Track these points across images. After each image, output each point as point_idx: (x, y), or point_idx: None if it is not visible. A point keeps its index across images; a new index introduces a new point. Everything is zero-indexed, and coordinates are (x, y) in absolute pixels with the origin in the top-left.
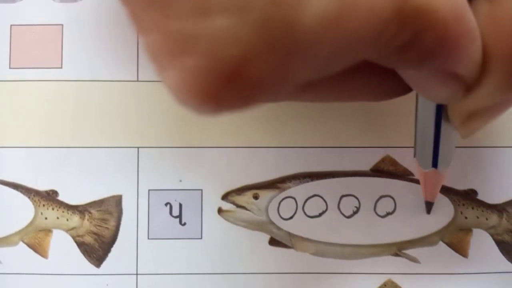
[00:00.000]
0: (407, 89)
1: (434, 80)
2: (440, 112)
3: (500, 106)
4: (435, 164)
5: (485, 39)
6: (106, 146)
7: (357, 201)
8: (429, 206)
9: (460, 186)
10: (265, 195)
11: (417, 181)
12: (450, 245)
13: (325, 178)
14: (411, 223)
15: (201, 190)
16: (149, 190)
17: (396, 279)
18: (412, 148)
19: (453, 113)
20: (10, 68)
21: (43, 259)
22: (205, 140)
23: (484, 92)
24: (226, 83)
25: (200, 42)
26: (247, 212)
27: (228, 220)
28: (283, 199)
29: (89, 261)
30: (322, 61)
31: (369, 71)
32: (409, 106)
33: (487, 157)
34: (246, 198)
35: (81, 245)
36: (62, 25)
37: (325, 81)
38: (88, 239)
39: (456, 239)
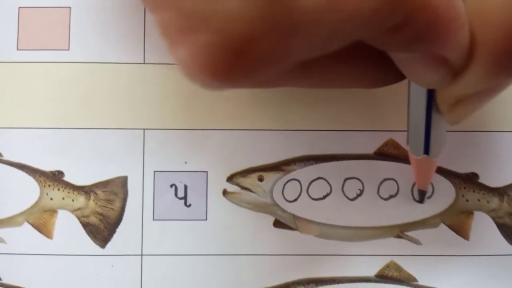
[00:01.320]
0: (399, 78)
1: (424, 63)
2: (431, 99)
3: (486, 93)
4: (426, 151)
5: (472, 26)
6: (112, 127)
7: (360, 184)
8: (422, 195)
9: (462, 169)
10: (270, 177)
11: None
12: (451, 227)
13: (329, 161)
14: (413, 206)
15: (206, 172)
16: (154, 171)
17: (399, 261)
18: None
19: (441, 99)
20: (18, 50)
21: (48, 239)
22: (210, 123)
23: (471, 79)
24: (234, 59)
25: (212, 20)
26: (252, 194)
27: (233, 202)
28: (288, 181)
29: (94, 241)
30: (320, 40)
31: (364, 58)
32: None
33: (489, 141)
34: (251, 180)
35: (86, 226)
36: (69, 7)
37: (322, 66)
38: (94, 219)
39: (457, 221)
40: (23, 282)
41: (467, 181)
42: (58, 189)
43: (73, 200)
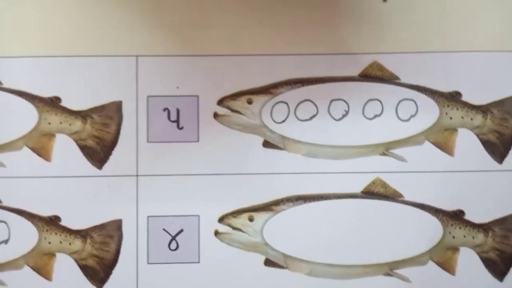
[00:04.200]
0: None
1: None
2: None
3: None
4: None
5: None
6: (106, 55)
7: (346, 104)
8: None
9: (445, 88)
10: (258, 100)
11: (403, 84)
12: (436, 144)
13: (316, 84)
14: (397, 124)
15: (197, 96)
16: (147, 96)
17: (384, 177)
18: (399, 54)
19: None
20: None
21: (46, 162)
22: (200, 49)
23: None
24: None
25: None
26: (242, 116)
27: (223, 124)
28: (276, 103)
29: (91, 163)
30: None
31: None
32: (397, 15)
33: (472, 61)
34: (240, 103)
35: (84, 149)
36: None
37: None
38: (91, 142)
39: (442, 138)
40: (22, 204)
41: (451, 99)
42: (56, 114)
43: (70, 124)
